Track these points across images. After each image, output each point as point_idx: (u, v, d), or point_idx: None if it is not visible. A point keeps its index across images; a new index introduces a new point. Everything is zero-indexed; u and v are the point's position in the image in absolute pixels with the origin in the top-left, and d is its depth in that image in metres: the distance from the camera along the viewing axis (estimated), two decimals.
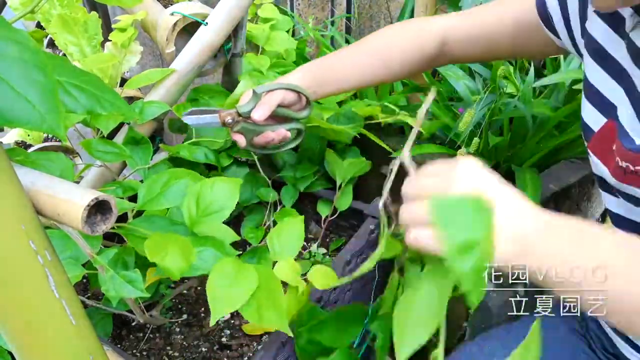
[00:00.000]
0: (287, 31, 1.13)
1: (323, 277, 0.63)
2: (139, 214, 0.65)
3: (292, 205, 0.94)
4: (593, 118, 0.62)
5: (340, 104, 1.03)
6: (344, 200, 0.92)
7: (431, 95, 0.45)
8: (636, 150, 0.54)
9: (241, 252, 0.76)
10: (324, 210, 0.94)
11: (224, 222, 0.66)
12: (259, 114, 0.68)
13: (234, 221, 0.99)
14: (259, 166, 0.91)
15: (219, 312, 0.53)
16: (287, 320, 0.55)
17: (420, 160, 1.02)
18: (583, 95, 0.65)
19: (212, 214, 0.61)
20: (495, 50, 0.71)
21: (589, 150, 0.62)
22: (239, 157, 0.93)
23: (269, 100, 0.69)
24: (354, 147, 1.00)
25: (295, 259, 0.63)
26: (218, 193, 0.63)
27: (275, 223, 0.89)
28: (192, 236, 0.60)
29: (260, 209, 0.95)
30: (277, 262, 0.62)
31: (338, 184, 0.89)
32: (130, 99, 0.91)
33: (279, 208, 0.95)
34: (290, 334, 0.55)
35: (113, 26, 0.88)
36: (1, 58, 0.30)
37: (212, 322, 0.53)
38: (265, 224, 0.93)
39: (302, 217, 0.67)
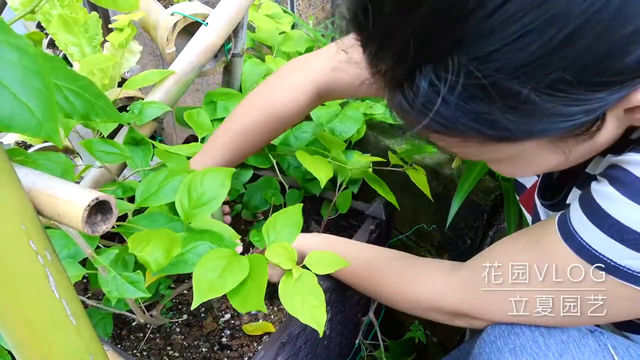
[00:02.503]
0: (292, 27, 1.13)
1: (324, 262, 0.61)
2: (139, 212, 0.65)
3: None
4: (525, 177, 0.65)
5: (342, 105, 1.03)
6: (345, 202, 0.92)
7: None
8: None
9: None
10: (325, 212, 0.94)
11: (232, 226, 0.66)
12: None
13: (245, 226, 0.99)
14: (277, 170, 0.91)
15: (201, 296, 0.53)
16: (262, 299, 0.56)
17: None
18: None
19: (204, 205, 0.61)
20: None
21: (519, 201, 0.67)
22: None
23: None
24: (356, 151, 1.00)
25: None
26: (209, 183, 0.63)
27: None
28: (188, 231, 0.61)
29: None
30: None
31: (338, 184, 0.89)
32: (131, 99, 0.91)
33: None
34: (265, 310, 0.55)
35: (110, 26, 0.88)
36: (3, 64, 0.30)
37: (193, 306, 0.53)
38: None
39: (300, 205, 0.67)
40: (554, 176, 0.59)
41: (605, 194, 0.43)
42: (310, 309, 0.56)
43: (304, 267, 0.60)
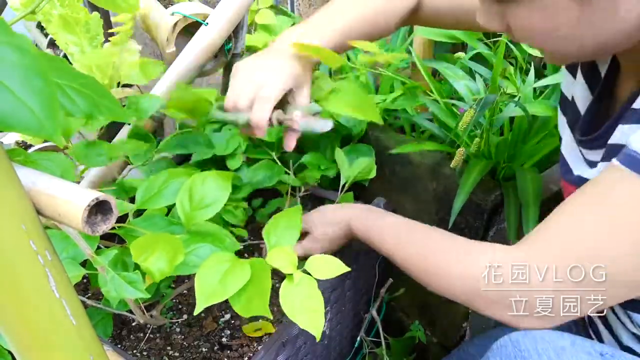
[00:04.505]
0: None
1: (324, 267, 0.61)
2: (139, 214, 0.65)
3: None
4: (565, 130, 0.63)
5: None
6: (346, 202, 0.92)
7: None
8: (573, 182, 0.60)
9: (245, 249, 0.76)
10: None
11: None
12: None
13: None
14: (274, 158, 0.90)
15: (203, 302, 0.54)
16: (267, 304, 0.55)
17: (420, 160, 1.01)
18: (559, 108, 0.64)
19: (205, 208, 0.62)
20: (470, 22, 0.69)
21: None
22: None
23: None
24: (364, 146, 0.99)
25: None
26: (210, 186, 0.63)
27: None
28: (189, 233, 0.61)
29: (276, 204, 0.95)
30: None
31: (341, 184, 0.89)
32: None
33: (298, 195, 0.92)
34: (271, 316, 0.55)
35: (110, 31, 0.89)
36: (3, 64, 0.30)
37: (196, 312, 0.53)
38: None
39: (300, 207, 0.67)
40: (594, 110, 0.59)
41: None
42: (308, 314, 0.56)
43: (305, 271, 0.60)
